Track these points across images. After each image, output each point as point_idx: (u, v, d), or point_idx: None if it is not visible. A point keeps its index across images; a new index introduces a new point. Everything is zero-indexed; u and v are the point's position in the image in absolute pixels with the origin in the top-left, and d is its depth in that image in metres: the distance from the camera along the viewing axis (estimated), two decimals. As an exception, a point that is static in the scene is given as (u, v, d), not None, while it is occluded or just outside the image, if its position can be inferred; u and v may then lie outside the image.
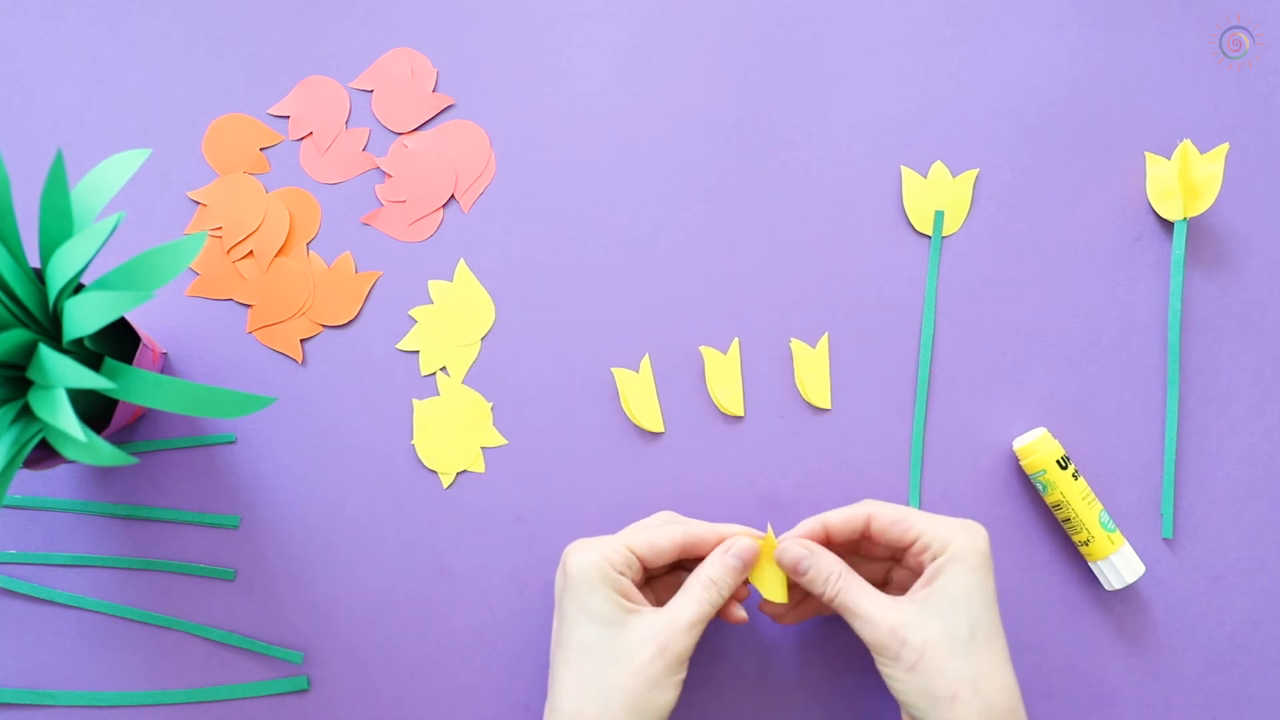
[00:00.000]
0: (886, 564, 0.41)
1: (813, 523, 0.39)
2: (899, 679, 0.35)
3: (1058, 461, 0.43)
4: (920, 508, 0.45)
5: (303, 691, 0.43)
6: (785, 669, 0.44)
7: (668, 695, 0.35)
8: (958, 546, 0.36)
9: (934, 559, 0.36)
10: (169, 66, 0.47)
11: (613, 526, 0.44)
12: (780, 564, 0.38)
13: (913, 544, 0.37)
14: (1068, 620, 0.44)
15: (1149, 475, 0.45)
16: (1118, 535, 0.43)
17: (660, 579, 0.41)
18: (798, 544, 0.38)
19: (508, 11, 0.48)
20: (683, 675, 0.35)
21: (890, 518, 0.38)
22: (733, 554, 0.37)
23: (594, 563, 0.36)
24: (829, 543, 0.39)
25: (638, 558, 0.37)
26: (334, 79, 0.47)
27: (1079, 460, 0.45)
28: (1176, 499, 0.45)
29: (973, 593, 0.35)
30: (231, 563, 0.44)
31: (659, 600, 0.40)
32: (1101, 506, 0.43)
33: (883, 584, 0.41)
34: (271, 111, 0.47)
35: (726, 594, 0.37)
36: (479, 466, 0.45)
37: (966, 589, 0.35)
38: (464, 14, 0.48)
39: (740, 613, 0.39)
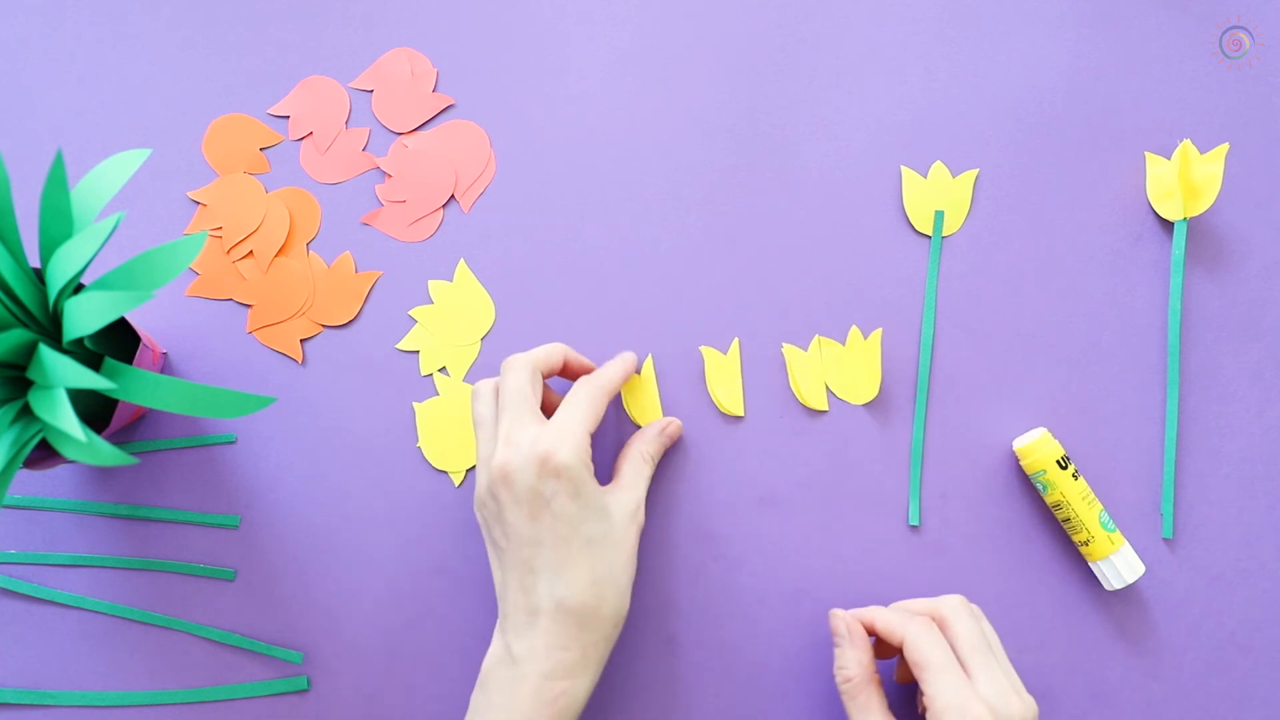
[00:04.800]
0: None
1: (864, 614, 0.40)
2: None
3: (1058, 461, 0.43)
4: (920, 507, 0.45)
5: (303, 691, 0.43)
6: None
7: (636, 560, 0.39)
8: None
9: None
10: (169, 66, 0.47)
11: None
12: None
13: (924, 693, 0.36)
14: (1068, 620, 0.44)
15: (1149, 475, 0.45)
16: (1118, 535, 0.43)
17: None
18: (842, 622, 0.40)
19: (508, 11, 0.48)
20: None
21: (913, 659, 0.36)
22: (667, 435, 0.43)
23: (581, 458, 0.37)
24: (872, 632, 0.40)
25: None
26: (334, 79, 0.47)
27: (1079, 460, 0.45)
28: (1176, 499, 0.45)
29: None
30: (231, 563, 0.44)
31: None
32: (1101, 506, 0.43)
33: None
34: (271, 111, 0.47)
35: (656, 463, 0.43)
36: (479, 466, 0.45)
37: None
38: (464, 14, 0.48)
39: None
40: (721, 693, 0.43)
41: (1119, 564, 0.42)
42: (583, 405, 0.39)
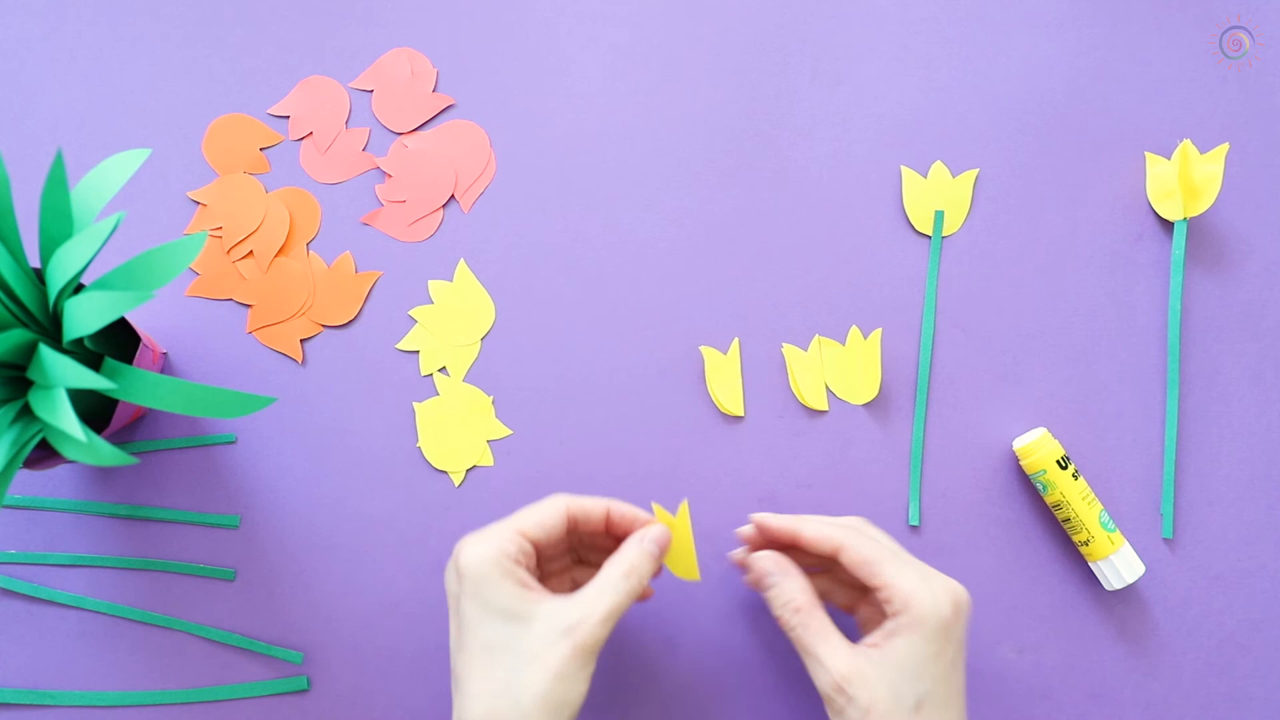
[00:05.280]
0: (857, 593, 0.40)
1: (786, 525, 0.38)
2: None
3: (1058, 461, 0.43)
4: (920, 507, 0.45)
5: (303, 691, 0.43)
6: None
7: (580, 688, 0.33)
8: (917, 612, 0.34)
9: (894, 615, 0.35)
10: (169, 66, 0.47)
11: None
12: (750, 572, 0.38)
13: (877, 590, 0.36)
14: (1068, 620, 0.44)
15: (1149, 475, 0.45)
16: (1118, 535, 0.43)
17: (553, 574, 0.40)
18: (769, 559, 0.37)
19: (508, 11, 0.48)
20: (593, 667, 0.34)
21: (860, 557, 0.36)
22: (650, 540, 0.36)
23: (489, 555, 0.34)
24: (798, 546, 0.38)
25: (530, 541, 0.35)
26: (334, 79, 0.47)
27: (1079, 460, 0.45)
28: (1176, 499, 0.45)
29: (925, 664, 0.34)
30: (231, 563, 0.44)
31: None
32: (1101, 506, 0.43)
33: (851, 608, 0.40)
34: (271, 111, 0.47)
35: (645, 582, 0.35)
36: (488, 460, 0.45)
37: (919, 660, 0.34)
38: (464, 14, 0.48)
39: (647, 589, 0.38)
40: (721, 693, 0.43)
41: (1119, 564, 0.42)
42: (526, 510, 0.36)
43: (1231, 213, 0.47)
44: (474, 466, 0.45)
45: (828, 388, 0.45)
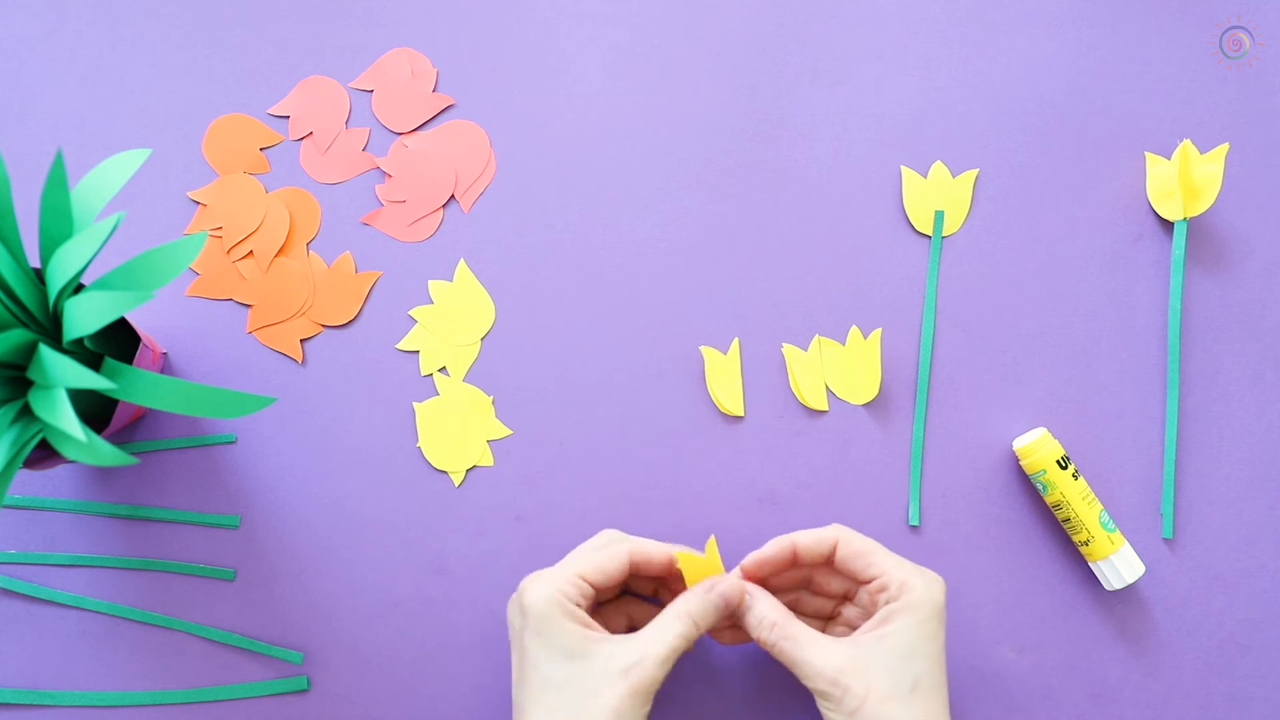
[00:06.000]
0: (837, 601, 0.40)
1: (782, 542, 0.38)
2: None
3: (1058, 461, 0.43)
4: (920, 507, 0.45)
5: (303, 691, 0.43)
6: (731, 694, 0.44)
7: None
8: (914, 596, 0.36)
9: (888, 602, 0.36)
10: (169, 66, 0.47)
11: (612, 525, 0.43)
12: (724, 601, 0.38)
13: (871, 580, 0.37)
14: (1068, 620, 0.44)
15: (1149, 475, 0.45)
16: (1118, 535, 0.43)
17: (607, 605, 0.41)
18: (737, 590, 0.38)
19: (508, 11, 0.48)
20: (649, 708, 0.35)
21: (857, 548, 0.37)
22: (718, 593, 0.37)
23: (551, 596, 0.35)
24: (794, 563, 0.39)
25: (590, 584, 0.37)
26: (334, 79, 0.47)
27: (1079, 460, 0.45)
28: (1176, 499, 0.45)
29: (921, 645, 0.35)
30: (231, 563, 0.44)
31: (608, 628, 0.40)
32: (1101, 506, 0.43)
33: (830, 618, 0.41)
34: (271, 111, 0.47)
35: (703, 630, 0.37)
36: (488, 460, 0.45)
37: (915, 641, 0.35)
38: (464, 14, 0.48)
39: None
40: (722, 693, 0.43)
41: (1119, 564, 0.42)
42: (584, 549, 0.38)
43: (1231, 213, 0.47)
44: (474, 466, 0.45)
45: (828, 388, 0.45)
